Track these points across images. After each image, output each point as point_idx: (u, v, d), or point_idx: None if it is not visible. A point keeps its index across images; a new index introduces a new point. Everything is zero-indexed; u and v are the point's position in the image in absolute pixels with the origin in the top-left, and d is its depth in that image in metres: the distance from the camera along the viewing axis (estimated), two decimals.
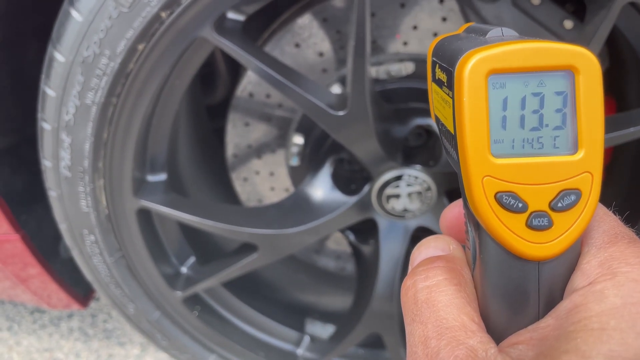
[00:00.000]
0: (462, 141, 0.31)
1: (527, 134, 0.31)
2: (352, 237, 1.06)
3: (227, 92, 1.09)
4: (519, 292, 0.33)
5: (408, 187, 0.93)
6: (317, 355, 1.12)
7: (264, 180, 1.10)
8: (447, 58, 0.33)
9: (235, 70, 1.09)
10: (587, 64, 0.30)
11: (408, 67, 0.92)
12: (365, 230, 1.06)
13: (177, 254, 1.01)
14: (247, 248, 0.95)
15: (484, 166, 0.31)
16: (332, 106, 0.78)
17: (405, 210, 0.95)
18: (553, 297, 0.33)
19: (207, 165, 1.12)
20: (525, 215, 0.31)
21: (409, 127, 0.89)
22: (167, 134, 0.88)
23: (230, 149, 1.06)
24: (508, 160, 0.31)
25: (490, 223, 0.31)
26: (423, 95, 0.92)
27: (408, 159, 0.92)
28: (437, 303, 0.33)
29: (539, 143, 0.31)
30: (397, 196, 0.94)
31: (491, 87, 0.30)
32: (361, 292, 1.05)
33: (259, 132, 1.04)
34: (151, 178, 0.90)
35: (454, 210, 0.40)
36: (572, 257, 0.33)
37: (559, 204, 0.31)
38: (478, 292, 0.34)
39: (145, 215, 0.92)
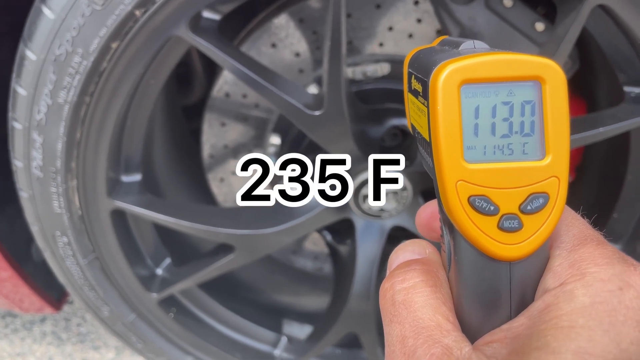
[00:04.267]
0: (437, 147, 0.32)
1: (498, 140, 0.33)
2: (329, 237, 1.06)
3: (204, 92, 1.09)
4: (492, 292, 0.34)
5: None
6: (294, 355, 1.12)
7: (240, 181, 1.10)
8: (422, 69, 0.35)
9: (212, 70, 1.08)
10: (553, 75, 0.32)
11: (384, 68, 0.93)
12: (342, 230, 1.07)
13: (153, 255, 1.00)
14: (223, 249, 0.94)
15: (458, 171, 0.32)
16: (309, 106, 0.79)
17: (382, 210, 0.95)
18: (524, 297, 0.34)
19: (183, 166, 1.11)
20: (496, 218, 0.33)
21: (384, 127, 0.90)
22: (142, 134, 0.87)
23: (206, 150, 1.05)
24: (480, 165, 0.32)
25: (464, 225, 0.33)
26: (399, 96, 0.93)
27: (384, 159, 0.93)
28: (414, 304, 0.34)
29: (509, 149, 0.33)
30: None
31: (464, 96, 0.32)
32: (338, 292, 1.05)
33: (235, 132, 1.03)
34: (126, 178, 0.89)
35: (428, 209, 0.42)
36: (542, 258, 0.34)
37: (528, 207, 0.32)
38: (453, 293, 0.36)
39: (119, 216, 0.90)
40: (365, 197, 0.94)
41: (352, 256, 1.00)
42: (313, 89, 0.93)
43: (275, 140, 0.99)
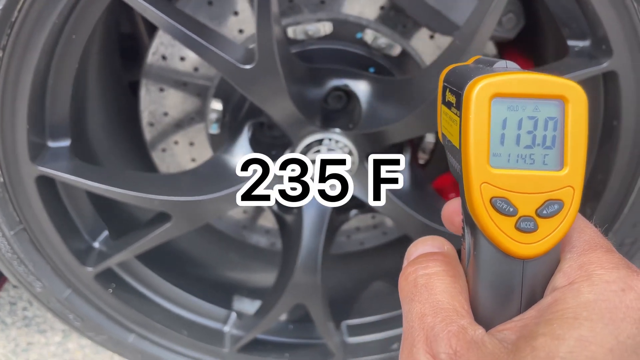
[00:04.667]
0: (466, 152, 0.36)
1: (521, 150, 0.36)
2: (275, 206, 1.02)
3: None
4: (505, 286, 0.38)
5: (329, 152, 0.90)
6: (243, 331, 1.08)
7: (183, 151, 1.05)
8: (457, 83, 0.38)
9: None
10: (575, 96, 0.36)
11: (326, 27, 0.89)
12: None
13: (88, 227, 0.95)
14: (161, 218, 0.90)
15: (483, 174, 0.36)
16: (241, 60, 0.74)
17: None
18: (534, 293, 0.38)
19: (124, 134, 1.06)
20: (515, 219, 0.36)
21: (326, 88, 0.86)
22: (67, 98, 0.82)
23: (145, 117, 1.00)
24: (504, 171, 0.36)
25: (485, 223, 0.37)
26: (341, 57, 0.89)
27: (328, 123, 0.89)
28: (435, 288, 0.38)
29: (531, 159, 0.36)
30: None
31: (494, 108, 0.36)
32: (285, 263, 1.02)
33: (175, 98, 0.99)
34: (52, 144, 0.84)
35: (452, 206, 0.45)
36: (552, 258, 0.38)
37: (544, 212, 0.36)
38: (469, 286, 0.39)
39: (47, 184, 0.85)
40: (312, 163, 0.90)
41: (298, 226, 0.97)
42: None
43: (216, 105, 0.95)
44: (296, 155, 0.85)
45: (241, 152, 0.90)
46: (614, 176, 0.83)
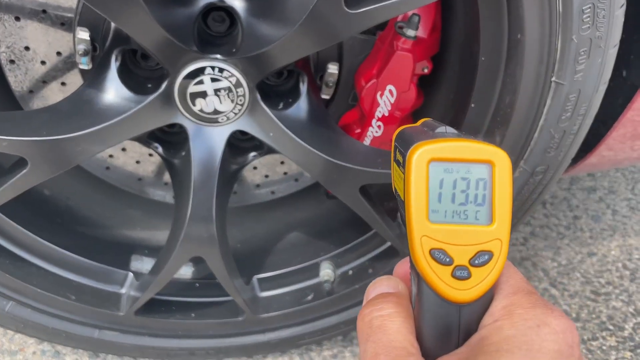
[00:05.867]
0: (408, 209, 0.41)
1: (456, 207, 0.41)
2: (160, 149, 0.91)
3: None
4: (445, 327, 0.42)
5: (214, 82, 0.79)
6: (140, 291, 0.98)
7: (54, 93, 0.92)
8: (403, 144, 0.43)
9: None
10: (501, 160, 0.41)
11: None
12: (177, 141, 0.92)
13: None
14: (19, 164, 0.78)
15: (423, 228, 0.41)
16: None
17: (217, 111, 0.82)
18: (470, 331, 0.42)
19: None
20: (451, 268, 0.41)
21: (199, 6, 0.75)
22: None
23: (3, 53, 0.86)
24: (441, 225, 0.41)
25: (425, 272, 0.41)
26: None
27: (209, 49, 0.78)
28: (388, 329, 0.43)
29: (465, 214, 0.41)
30: (204, 94, 0.80)
31: (431, 170, 0.41)
32: (177, 214, 0.92)
33: (35, 29, 0.85)
34: None
35: (405, 265, 0.49)
36: (485, 302, 0.43)
37: (476, 261, 0.41)
38: (416, 325, 0.44)
39: None
40: (194, 96, 0.80)
41: (187, 171, 0.87)
42: None
43: (82, 35, 0.82)
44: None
45: (109, 85, 0.78)
46: (521, 96, 0.76)
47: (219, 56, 0.77)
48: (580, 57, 0.72)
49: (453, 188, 0.41)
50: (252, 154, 0.95)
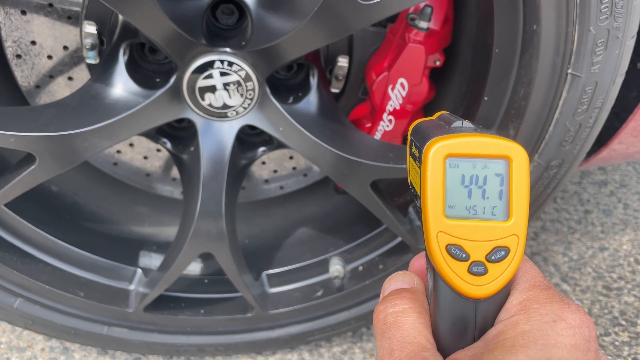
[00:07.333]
0: (424, 205, 0.41)
1: (472, 202, 0.41)
2: (168, 144, 0.90)
3: None
4: (461, 322, 0.42)
5: (223, 76, 0.78)
6: (149, 288, 0.97)
7: (61, 88, 0.91)
8: (420, 139, 0.43)
9: None
10: (518, 155, 0.40)
11: None
12: (184, 136, 0.91)
13: None
14: (27, 160, 0.77)
15: (439, 224, 0.41)
16: None
17: (226, 106, 0.81)
18: (485, 327, 0.42)
19: None
20: (467, 264, 0.41)
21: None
22: None
23: (10, 47, 0.85)
24: (457, 221, 0.41)
25: (441, 268, 0.41)
26: None
27: (219, 43, 0.77)
28: (403, 325, 0.43)
29: (481, 210, 0.41)
30: (213, 89, 0.79)
31: (448, 166, 0.40)
32: (186, 210, 0.91)
33: (41, 23, 0.84)
34: None
35: (421, 260, 0.50)
36: (501, 298, 0.42)
37: (493, 257, 0.41)
38: (432, 320, 0.44)
39: None
40: (203, 90, 0.79)
41: (196, 167, 0.85)
42: None
43: (90, 29, 0.81)
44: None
45: (117, 79, 0.77)
46: (536, 88, 0.75)
47: (228, 49, 0.76)
48: (598, 49, 0.71)
49: (470, 184, 0.41)
50: (262, 148, 0.94)
